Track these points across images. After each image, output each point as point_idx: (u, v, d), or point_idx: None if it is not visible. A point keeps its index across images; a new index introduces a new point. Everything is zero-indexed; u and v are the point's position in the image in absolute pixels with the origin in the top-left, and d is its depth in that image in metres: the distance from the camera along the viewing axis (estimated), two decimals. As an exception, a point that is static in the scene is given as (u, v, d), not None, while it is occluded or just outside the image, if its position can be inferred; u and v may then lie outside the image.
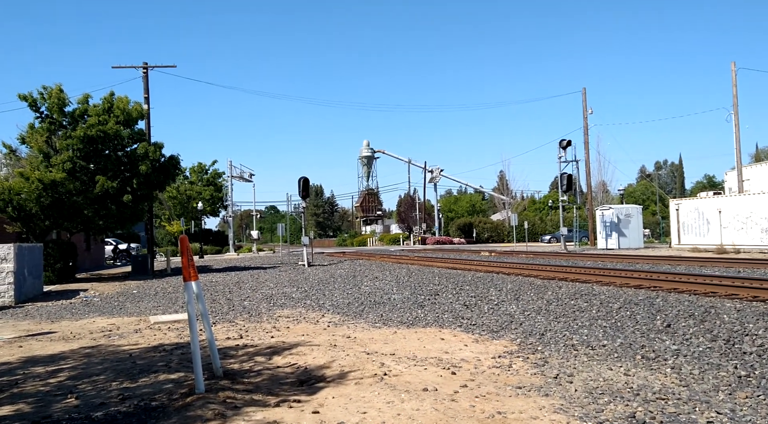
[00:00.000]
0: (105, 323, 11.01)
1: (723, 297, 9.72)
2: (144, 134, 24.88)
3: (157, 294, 16.27)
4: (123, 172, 22.76)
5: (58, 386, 6.02)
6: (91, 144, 21.62)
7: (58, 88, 22.02)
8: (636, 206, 39.50)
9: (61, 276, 21.68)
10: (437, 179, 75.60)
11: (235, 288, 16.75)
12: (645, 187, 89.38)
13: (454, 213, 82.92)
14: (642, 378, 5.70)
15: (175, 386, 5.71)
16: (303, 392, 5.44)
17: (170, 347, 8.04)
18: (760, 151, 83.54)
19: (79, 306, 14.20)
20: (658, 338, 7.28)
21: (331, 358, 6.95)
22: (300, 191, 27.96)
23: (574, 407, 4.80)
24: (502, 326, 8.95)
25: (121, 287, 19.14)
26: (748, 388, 5.22)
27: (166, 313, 12.26)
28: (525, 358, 6.81)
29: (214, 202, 58.34)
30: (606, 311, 9.16)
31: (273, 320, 10.66)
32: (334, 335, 8.79)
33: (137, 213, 24.06)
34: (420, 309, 11.16)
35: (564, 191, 39.04)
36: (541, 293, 11.61)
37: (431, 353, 7.18)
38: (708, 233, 30.01)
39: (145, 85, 28.01)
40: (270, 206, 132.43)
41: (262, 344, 8.08)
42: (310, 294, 14.51)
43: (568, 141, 40.19)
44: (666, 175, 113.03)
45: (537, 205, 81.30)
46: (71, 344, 8.77)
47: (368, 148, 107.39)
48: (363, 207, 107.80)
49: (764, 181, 43.94)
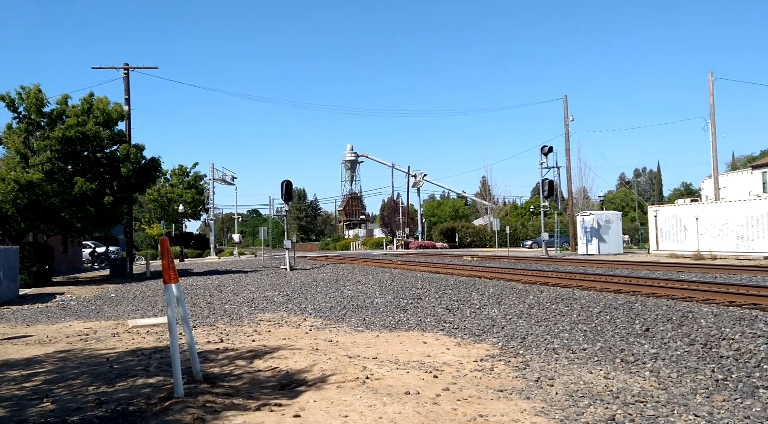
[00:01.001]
0: (82, 327, 10.83)
1: (700, 302, 9.86)
2: (124, 136, 24.58)
3: (135, 297, 16.05)
4: (102, 174, 22.45)
5: (33, 390, 5.90)
6: (70, 145, 21.31)
7: (37, 88, 21.68)
8: (616, 213, 39.97)
9: (37, 279, 21.29)
10: (420, 184, 75.79)
11: (216, 292, 16.59)
12: (624, 193, 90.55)
13: (437, 218, 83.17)
14: (621, 381, 5.76)
15: (154, 391, 5.63)
16: (284, 395, 5.39)
17: (149, 351, 7.93)
18: (737, 159, 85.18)
19: (56, 310, 13.96)
20: (637, 341, 7.36)
21: (312, 362, 6.91)
22: (283, 195, 27.81)
23: (554, 410, 4.83)
24: (484, 330, 8.98)
25: (99, 291, 18.85)
26: (725, 391, 5.30)
27: (145, 317, 12.10)
28: (507, 361, 6.84)
29: (195, 205, 57.77)
30: (586, 316, 9.24)
31: (254, 323, 10.58)
32: (316, 338, 8.74)
33: (116, 216, 23.72)
34: (402, 313, 11.15)
35: (545, 197, 39.37)
36: (523, 297, 11.68)
37: (413, 357, 7.18)
38: (685, 239, 30.48)
39: (125, 86, 27.69)
40: (252, 210, 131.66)
41: (243, 348, 8.01)
42: (292, 298, 14.42)
43: (550, 147, 40.56)
44: (645, 182, 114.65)
45: (519, 211, 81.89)
46: (47, 347, 8.61)
47: (352, 153, 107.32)
48: (346, 211, 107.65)
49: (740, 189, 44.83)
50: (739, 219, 27.49)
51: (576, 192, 57.47)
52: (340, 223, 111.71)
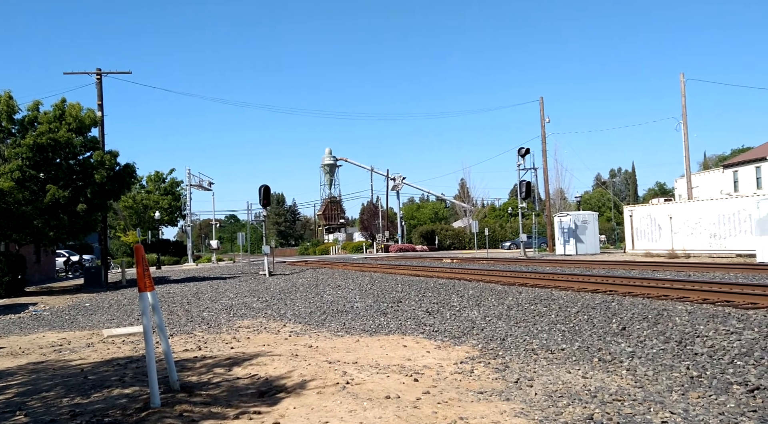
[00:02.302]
0: (55, 338, 10.61)
1: (675, 300, 10.02)
2: (98, 142, 24.16)
3: (111, 307, 15.78)
4: (75, 182, 22.05)
5: (5, 403, 5.76)
6: (42, 152, 20.90)
7: (8, 94, 21.25)
8: (592, 213, 40.51)
9: (9, 290, 20.79)
10: (400, 187, 75.94)
11: (193, 299, 16.39)
12: (600, 194, 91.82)
13: (416, 220, 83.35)
14: (599, 380, 5.82)
15: (130, 401, 5.53)
16: (263, 403, 5.34)
17: (124, 361, 7.80)
18: (708, 159, 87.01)
19: (28, 320, 13.65)
20: (614, 340, 7.45)
21: (292, 368, 6.86)
22: (261, 200, 27.63)
23: (534, 411, 4.86)
24: (464, 332, 9.01)
25: (73, 300, 18.49)
26: (700, 388, 5.38)
27: (120, 326, 11.90)
28: (486, 363, 6.87)
29: (172, 211, 57.00)
30: (564, 316, 9.33)
31: (233, 330, 10.47)
32: (295, 344, 8.68)
33: (90, 223, 23.31)
34: (383, 317, 11.14)
35: (523, 198, 39.70)
36: (502, 298, 11.75)
37: (394, 361, 7.17)
38: (660, 238, 31.00)
39: (98, 91, 27.23)
40: (230, 215, 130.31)
41: (221, 356, 7.92)
42: (271, 304, 14.31)
43: (527, 149, 40.96)
44: (620, 182, 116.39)
45: (497, 213, 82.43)
46: (20, 359, 8.42)
47: (330, 156, 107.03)
48: (325, 215, 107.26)
49: (712, 188, 45.77)
50: (712, 217, 28.05)
51: (553, 193, 58.11)
52: (319, 227, 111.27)
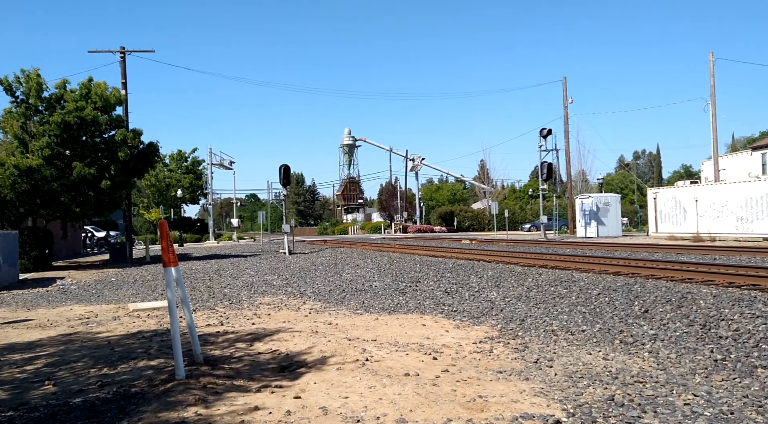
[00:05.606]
0: (83, 311, 10.86)
1: (699, 283, 9.89)
2: (122, 120, 24.44)
3: (135, 282, 16.09)
4: (100, 159, 22.37)
5: (35, 373, 5.93)
6: (69, 130, 21.20)
7: (36, 72, 21.51)
8: (614, 195, 39.96)
9: (37, 264, 21.32)
10: (418, 168, 75.62)
11: (215, 276, 16.62)
12: (623, 176, 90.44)
13: (435, 202, 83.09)
14: (620, 362, 5.79)
15: (155, 373, 5.66)
16: (284, 377, 5.42)
17: (149, 334, 7.96)
18: (736, 141, 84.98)
19: (56, 294, 13.99)
20: (636, 323, 7.39)
21: (312, 344, 6.94)
22: (281, 179, 27.76)
23: (553, 391, 4.85)
24: (483, 313, 9.01)
25: (99, 275, 18.89)
26: (723, 371, 5.33)
27: (145, 300, 12.13)
28: (506, 343, 6.87)
29: (193, 190, 57.70)
30: (585, 298, 9.27)
31: (254, 307, 10.61)
32: (315, 321, 8.77)
33: (115, 200, 23.68)
34: (401, 296, 11.18)
35: (544, 180, 39.30)
36: (522, 280, 11.70)
37: (413, 339, 7.21)
38: (685, 221, 30.51)
39: (122, 70, 27.49)
40: (251, 194, 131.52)
41: (243, 331, 8.04)
42: (291, 282, 14.46)
43: (549, 130, 40.39)
44: (644, 164, 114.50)
45: (517, 194, 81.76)
46: (48, 331, 8.64)
47: (350, 137, 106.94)
48: (344, 195, 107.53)
49: (740, 170, 44.77)
50: (739, 201, 27.49)
51: (575, 175, 57.46)
52: (338, 207, 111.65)
